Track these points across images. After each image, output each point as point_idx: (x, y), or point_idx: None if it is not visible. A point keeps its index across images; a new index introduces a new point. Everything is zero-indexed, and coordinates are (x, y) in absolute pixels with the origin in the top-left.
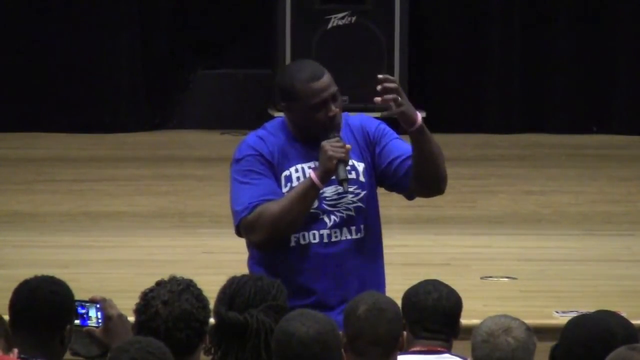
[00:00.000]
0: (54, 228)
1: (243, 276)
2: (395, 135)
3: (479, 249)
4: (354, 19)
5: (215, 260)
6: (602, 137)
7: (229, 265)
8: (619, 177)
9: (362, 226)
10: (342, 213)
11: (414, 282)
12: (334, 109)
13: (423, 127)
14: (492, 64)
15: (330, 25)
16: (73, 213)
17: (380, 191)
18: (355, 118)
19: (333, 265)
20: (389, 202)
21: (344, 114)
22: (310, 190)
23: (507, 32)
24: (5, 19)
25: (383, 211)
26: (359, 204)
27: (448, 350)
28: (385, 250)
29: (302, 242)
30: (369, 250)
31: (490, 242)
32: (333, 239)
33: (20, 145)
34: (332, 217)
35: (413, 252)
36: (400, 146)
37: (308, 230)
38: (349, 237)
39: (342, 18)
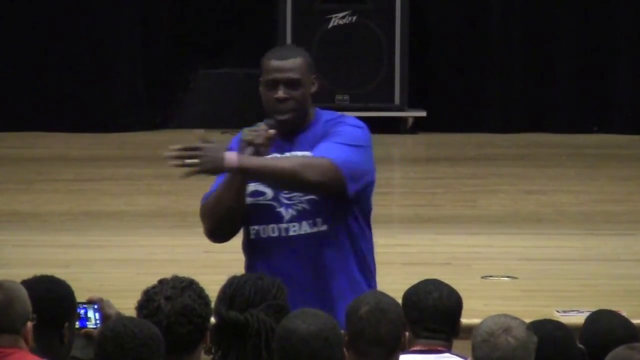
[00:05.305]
0: (55, 227)
1: (243, 275)
2: (335, 138)
3: (480, 248)
4: (354, 18)
5: (216, 259)
6: (603, 136)
7: (229, 264)
8: (619, 177)
9: (319, 219)
10: (298, 206)
11: (415, 281)
12: (282, 93)
13: (241, 168)
14: (492, 64)
15: (330, 25)
16: (74, 212)
17: (380, 191)
18: (339, 117)
19: (293, 258)
20: (390, 202)
21: (333, 113)
22: (233, 175)
23: (508, 32)
24: (6, 18)
25: (383, 210)
26: (313, 196)
27: (448, 349)
28: (386, 250)
29: (262, 235)
30: (336, 244)
31: (490, 242)
32: (291, 233)
33: (20, 144)
34: (290, 210)
35: (414, 251)
36: (317, 147)
37: (267, 224)
38: (308, 230)
39: (343, 18)
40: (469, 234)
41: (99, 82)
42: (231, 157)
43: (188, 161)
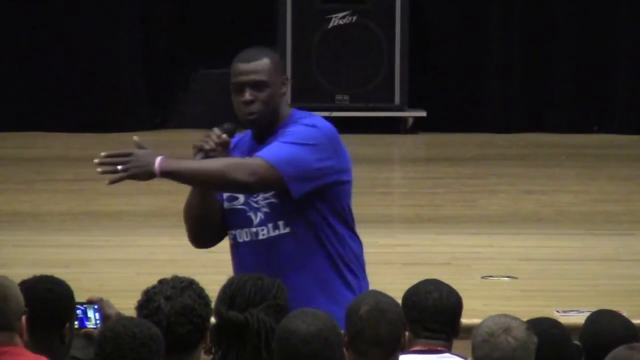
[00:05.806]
0: (55, 227)
1: (243, 275)
2: (283, 138)
3: (480, 248)
4: (354, 18)
5: (216, 259)
6: (603, 136)
7: (229, 264)
8: (619, 177)
9: (280, 222)
10: (262, 210)
11: (415, 281)
12: (248, 96)
13: (162, 171)
14: (492, 64)
15: (330, 25)
16: (73, 212)
17: (380, 191)
18: (302, 117)
19: (263, 263)
20: (390, 202)
21: (303, 113)
22: None
23: (507, 32)
24: (6, 19)
25: (383, 210)
26: (272, 199)
27: (448, 349)
28: (386, 250)
29: (238, 239)
30: (301, 246)
31: (490, 242)
32: (260, 237)
33: (20, 144)
34: (258, 214)
35: (414, 251)
36: (263, 149)
37: (242, 228)
38: (273, 233)
39: (343, 18)
40: (469, 234)
41: (99, 82)
42: (158, 161)
43: (119, 167)
